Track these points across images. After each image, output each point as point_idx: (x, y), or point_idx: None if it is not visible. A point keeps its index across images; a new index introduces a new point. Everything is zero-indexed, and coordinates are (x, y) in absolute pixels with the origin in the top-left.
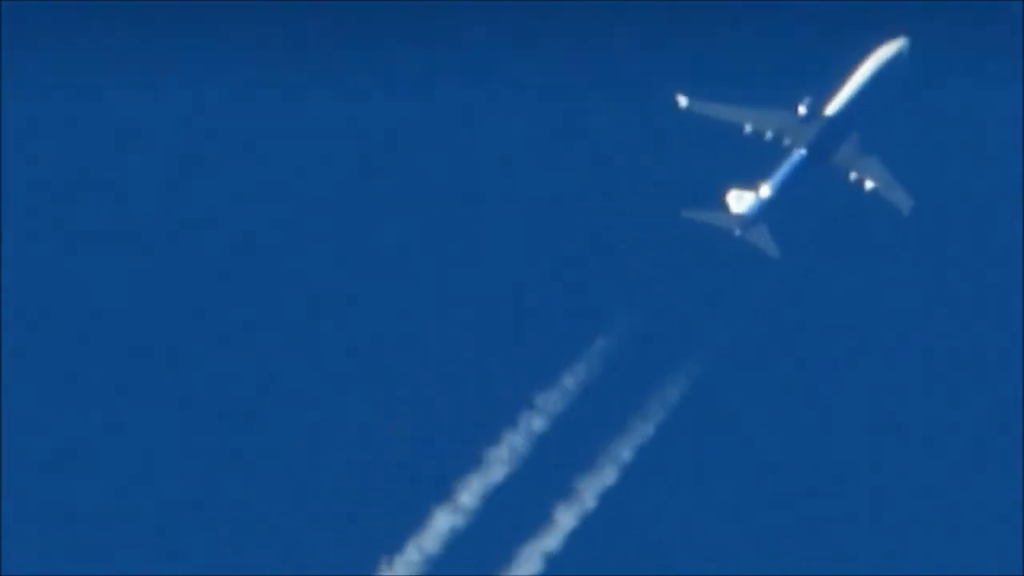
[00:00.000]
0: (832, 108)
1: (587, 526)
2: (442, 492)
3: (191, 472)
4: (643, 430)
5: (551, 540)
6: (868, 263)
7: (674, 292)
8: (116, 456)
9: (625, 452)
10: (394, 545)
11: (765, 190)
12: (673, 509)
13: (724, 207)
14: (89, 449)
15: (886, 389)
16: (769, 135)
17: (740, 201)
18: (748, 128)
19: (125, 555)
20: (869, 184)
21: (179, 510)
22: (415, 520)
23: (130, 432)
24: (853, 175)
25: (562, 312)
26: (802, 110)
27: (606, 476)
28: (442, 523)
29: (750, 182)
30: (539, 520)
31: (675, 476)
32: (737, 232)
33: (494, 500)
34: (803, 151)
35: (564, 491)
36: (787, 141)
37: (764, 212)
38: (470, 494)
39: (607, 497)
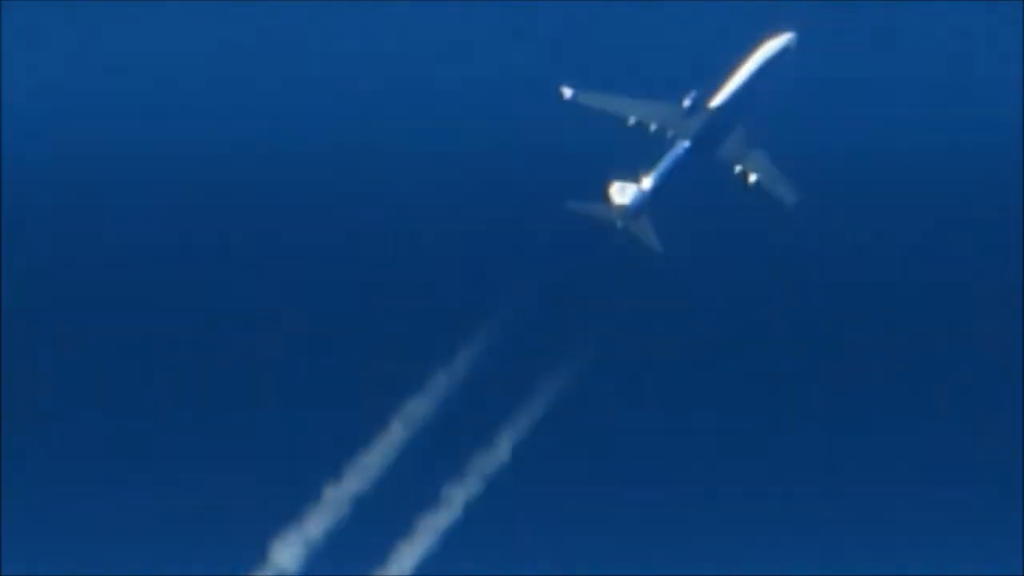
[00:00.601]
0: (717, 100)
1: (454, 533)
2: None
3: (191, 472)
4: (522, 426)
5: (418, 545)
6: (752, 256)
7: (555, 285)
8: (116, 456)
9: (503, 448)
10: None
11: (647, 182)
12: (547, 512)
13: (606, 199)
14: (89, 449)
15: (766, 382)
16: (653, 127)
17: (623, 193)
18: (632, 120)
19: (125, 555)
20: (753, 177)
21: (179, 510)
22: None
23: (130, 432)
24: (738, 168)
25: (442, 306)
26: (687, 102)
27: (472, 484)
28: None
29: (634, 174)
30: (404, 527)
31: (555, 474)
32: (619, 224)
33: (361, 506)
34: (687, 143)
35: (430, 499)
36: (671, 133)
37: (647, 204)
38: (337, 500)
39: (474, 505)
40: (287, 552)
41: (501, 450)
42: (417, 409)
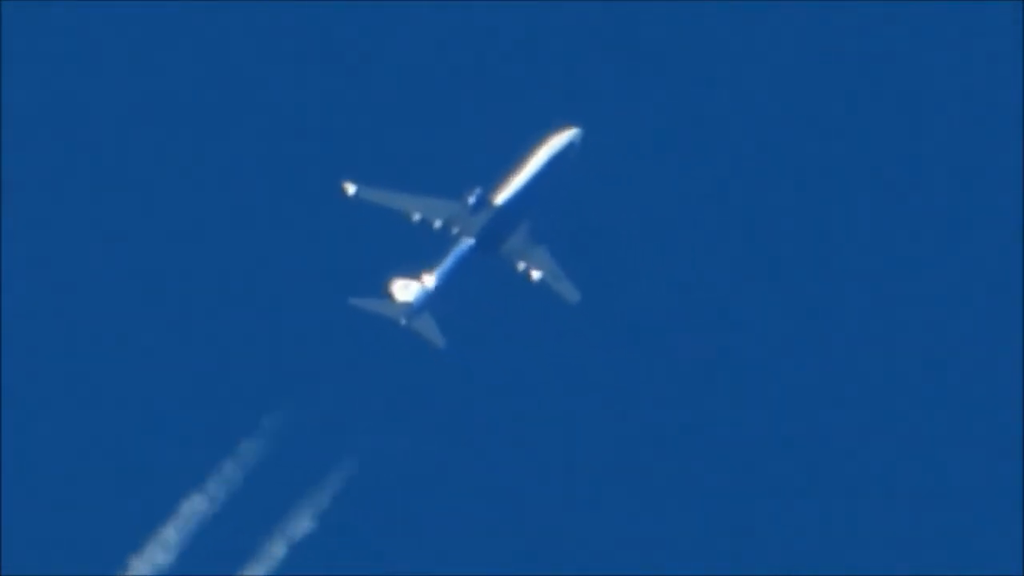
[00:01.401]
0: (501, 197)
1: None
2: None
3: (191, 472)
4: (298, 526)
5: None
6: (534, 354)
7: (337, 381)
8: (116, 456)
9: (279, 552)
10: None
11: (430, 280)
12: None
13: (389, 296)
14: (89, 449)
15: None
16: (438, 224)
17: (406, 290)
18: (416, 217)
19: (125, 555)
20: (536, 274)
21: (178, 510)
22: None
23: (130, 432)
24: (522, 265)
25: (222, 402)
26: (471, 199)
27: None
28: None
29: (417, 271)
30: None
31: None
32: (403, 321)
33: None
34: (471, 240)
35: None
36: (456, 230)
37: (430, 302)
38: None
39: None
40: None
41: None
42: (199, 502)
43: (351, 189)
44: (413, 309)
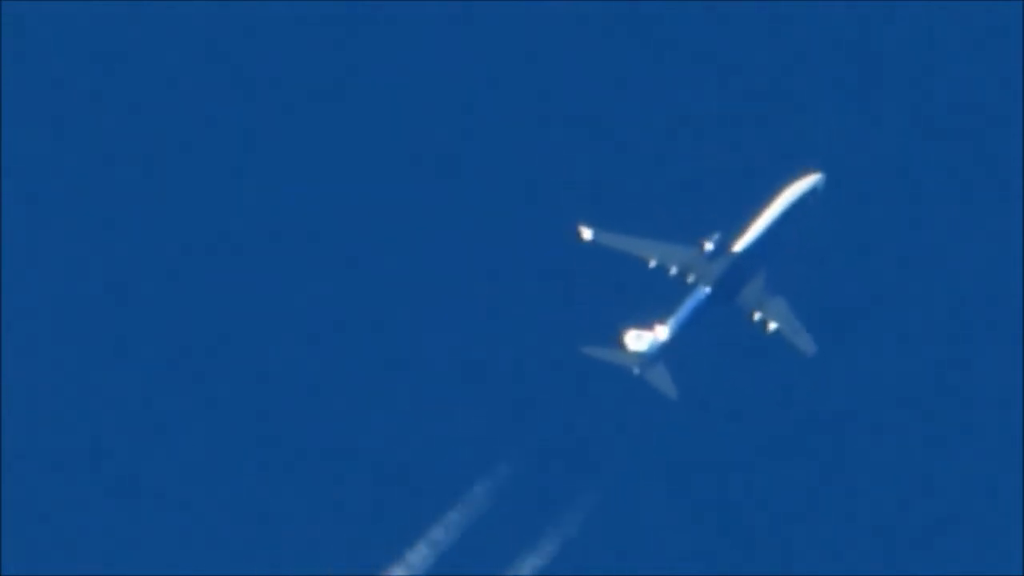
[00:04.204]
0: (740, 245)
1: None
2: None
3: (190, 472)
4: (532, 564)
5: None
6: (769, 407)
7: (570, 429)
8: (116, 456)
9: None
10: None
11: (663, 331)
12: None
13: (623, 345)
14: (89, 449)
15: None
16: (674, 271)
17: (639, 340)
18: (653, 263)
19: (125, 555)
20: (773, 325)
21: (178, 510)
22: None
23: (130, 432)
24: (757, 315)
25: (456, 445)
26: (709, 246)
27: None
28: None
29: (654, 317)
30: None
31: None
32: (636, 370)
33: None
34: (707, 289)
35: None
36: (692, 278)
37: (663, 353)
38: None
39: None
40: None
41: None
42: (430, 547)
43: (587, 233)
44: (646, 359)
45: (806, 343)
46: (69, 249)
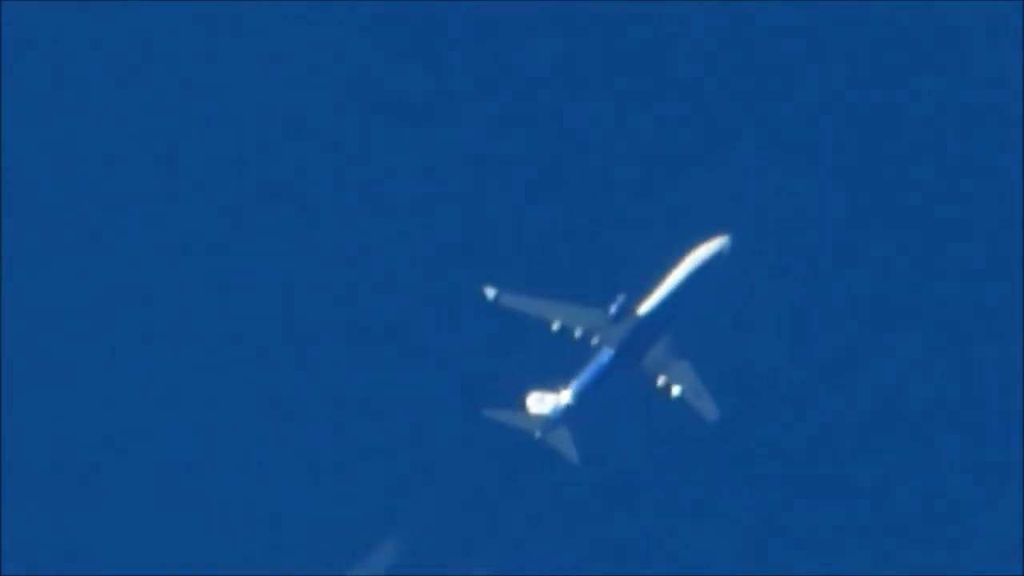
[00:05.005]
0: (644, 307)
1: None
2: None
3: (190, 472)
4: None
5: None
6: (668, 472)
7: (467, 494)
8: (116, 456)
9: None
10: None
11: (566, 395)
12: None
13: (525, 408)
14: (89, 449)
15: None
16: (578, 333)
17: (541, 403)
18: (556, 325)
19: (125, 555)
20: (676, 390)
21: (178, 510)
22: None
23: (130, 432)
24: (662, 379)
25: (352, 511)
26: (613, 308)
27: None
28: None
29: (557, 380)
30: None
31: None
32: (537, 434)
33: None
34: (611, 352)
35: None
36: (596, 340)
37: (565, 417)
38: None
39: None
40: None
41: None
42: None
43: (491, 294)
44: (549, 423)
45: (709, 409)
46: (69, 249)
